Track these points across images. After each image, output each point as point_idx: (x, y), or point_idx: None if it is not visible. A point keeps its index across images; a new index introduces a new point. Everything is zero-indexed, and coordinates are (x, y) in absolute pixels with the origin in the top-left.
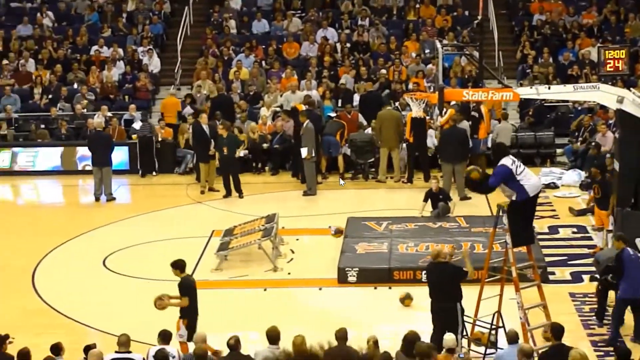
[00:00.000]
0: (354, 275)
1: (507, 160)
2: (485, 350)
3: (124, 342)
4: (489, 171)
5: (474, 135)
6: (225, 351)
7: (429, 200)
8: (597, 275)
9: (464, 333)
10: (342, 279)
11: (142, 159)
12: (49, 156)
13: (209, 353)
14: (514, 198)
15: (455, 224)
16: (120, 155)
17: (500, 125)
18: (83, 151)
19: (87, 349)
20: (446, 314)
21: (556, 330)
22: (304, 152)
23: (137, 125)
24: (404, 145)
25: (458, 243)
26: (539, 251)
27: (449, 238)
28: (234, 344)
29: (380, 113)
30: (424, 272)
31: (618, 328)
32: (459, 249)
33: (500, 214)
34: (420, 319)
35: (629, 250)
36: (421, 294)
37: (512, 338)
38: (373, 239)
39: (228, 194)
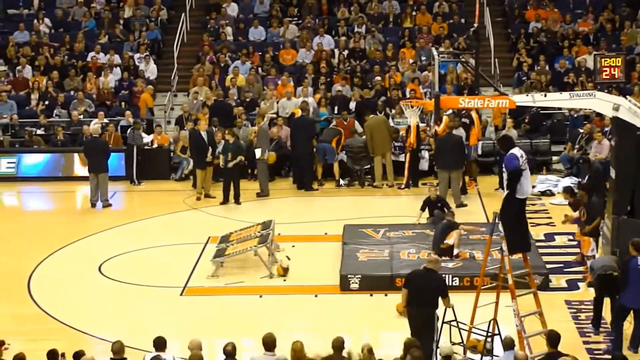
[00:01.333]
0: (357, 282)
1: (516, 151)
2: (482, 358)
3: (118, 349)
4: (482, 179)
5: (465, 141)
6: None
7: (427, 209)
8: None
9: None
10: (345, 286)
11: (127, 167)
12: (46, 162)
13: None
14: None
15: None
16: (116, 162)
17: (504, 132)
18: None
19: (77, 355)
20: (425, 320)
21: (552, 338)
22: (257, 152)
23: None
24: (397, 151)
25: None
26: (540, 258)
27: None
28: (231, 351)
29: (367, 123)
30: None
31: (621, 335)
32: (458, 256)
33: (497, 221)
34: None
35: (638, 259)
36: None
37: (508, 345)
38: (374, 246)
39: (225, 200)
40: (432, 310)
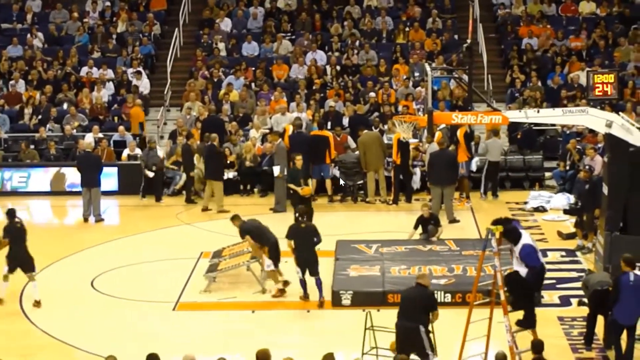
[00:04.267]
0: (348, 298)
1: (526, 238)
2: None
3: None
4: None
5: None
6: None
7: (420, 226)
8: (586, 300)
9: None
10: (336, 301)
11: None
12: (38, 177)
13: None
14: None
15: (446, 247)
16: (109, 176)
17: (490, 141)
18: (72, 178)
19: None
20: (409, 334)
21: (536, 345)
22: (276, 170)
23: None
24: (390, 166)
25: (449, 266)
26: None
27: (440, 260)
28: None
29: (360, 139)
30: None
31: (620, 352)
32: (451, 272)
33: (489, 237)
34: None
35: (630, 275)
36: None
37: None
38: (364, 262)
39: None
40: (416, 325)
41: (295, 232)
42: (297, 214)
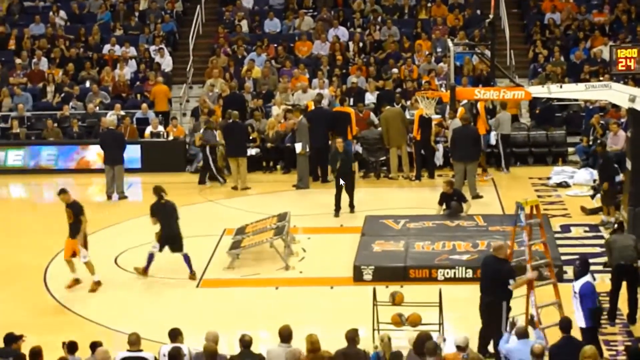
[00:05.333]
0: (370, 274)
1: (592, 279)
2: None
3: (134, 341)
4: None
5: None
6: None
7: (444, 202)
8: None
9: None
10: (358, 277)
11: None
12: (62, 155)
13: None
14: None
15: (473, 222)
16: (132, 154)
17: (500, 115)
18: (96, 165)
19: (93, 346)
20: (491, 309)
21: (564, 323)
22: (298, 147)
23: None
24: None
25: (474, 241)
26: (556, 250)
27: (466, 235)
28: (247, 342)
29: (383, 115)
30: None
31: None
32: (475, 248)
33: (519, 212)
34: (430, 318)
35: None
36: (434, 292)
37: (522, 334)
38: (390, 237)
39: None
40: (494, 299)
41: (157, 209)
42: (156, 193)
